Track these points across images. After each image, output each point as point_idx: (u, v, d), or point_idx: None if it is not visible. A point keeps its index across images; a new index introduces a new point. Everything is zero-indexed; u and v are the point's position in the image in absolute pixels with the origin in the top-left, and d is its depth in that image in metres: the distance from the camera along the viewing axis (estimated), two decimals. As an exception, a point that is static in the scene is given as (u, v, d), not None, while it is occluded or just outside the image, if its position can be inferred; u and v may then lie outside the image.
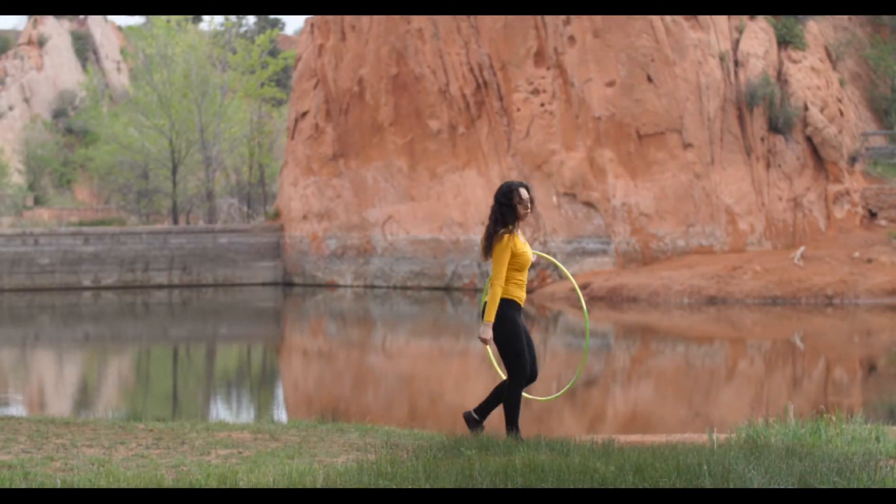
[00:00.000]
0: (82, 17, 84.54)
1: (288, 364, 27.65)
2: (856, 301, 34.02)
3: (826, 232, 38.49)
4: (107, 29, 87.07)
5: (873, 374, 23.88)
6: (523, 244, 8.89)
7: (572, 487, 6.66)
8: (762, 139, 38.74)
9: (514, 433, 8.73)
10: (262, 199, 58.22)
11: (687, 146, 37.85)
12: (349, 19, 44.43)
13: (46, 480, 7.10)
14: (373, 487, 6.69)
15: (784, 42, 40.02)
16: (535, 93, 39.72)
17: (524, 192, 8.86)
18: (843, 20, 42.67)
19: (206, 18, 65.58)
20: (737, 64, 38.86)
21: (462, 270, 41.74)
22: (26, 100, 77.90)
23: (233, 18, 64.95)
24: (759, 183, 38.59)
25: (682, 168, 37.90)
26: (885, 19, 43.00)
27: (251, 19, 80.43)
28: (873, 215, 38.92)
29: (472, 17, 40.62)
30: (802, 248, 36.79)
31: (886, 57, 42.50)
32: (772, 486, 6.72)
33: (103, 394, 22.27)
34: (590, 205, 39.02)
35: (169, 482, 7.04)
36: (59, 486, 6.89)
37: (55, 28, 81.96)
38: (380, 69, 43.32)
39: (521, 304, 8.89)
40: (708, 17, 38.31)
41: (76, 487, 6.80)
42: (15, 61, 78.87)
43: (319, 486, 6.79)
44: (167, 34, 53.68)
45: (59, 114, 78.36)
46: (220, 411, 19.81)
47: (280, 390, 23.88)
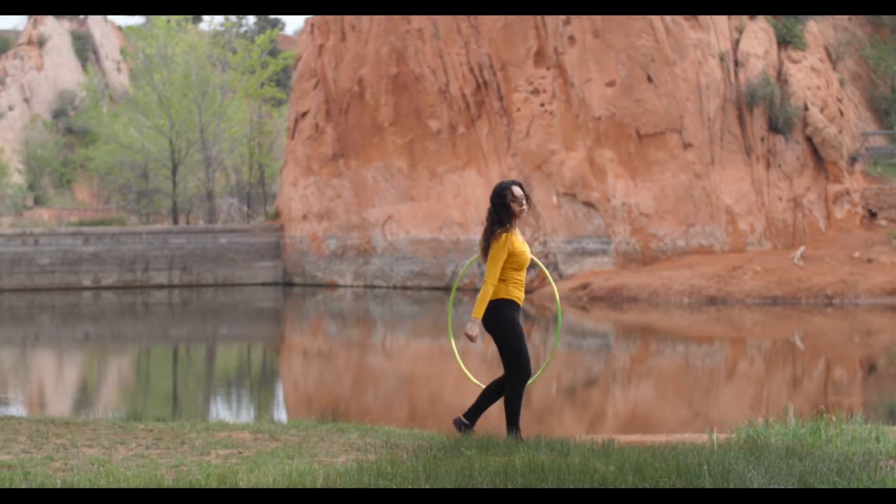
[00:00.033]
0: (82, 17, 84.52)
1: (288, 364, 27.64)
2: (856, 301, 34.02)
3: (826, 232, 38.49)
4: (107, 29, 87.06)
5: (873, 374, 23.88)
6: (522, 243, 8.89)
7: (572, 487, 6.66)
8: (762, 139, 38.74)
9: (515, 433, 8.74)
10: (262, 199, 58.22)
11: (687, 146, 37.85)
12: (349, 19, 44.43)
13: (46, 480, 7.10)
14: (373, 487, 6.69)
15: (784, 42, 40.02)
16: (535, 93, 39.72)
17: (517, 190, 8.87)
18: (843, 20, 42.66)
19: (206, 18, 65.62)
20: (737, 64, 38.86)
21: (462, 270, 41.71)
22: (26, 100, 77.90)
23: (233, 18, 64.98)
24: (759, 183, 38.59)
25: (682, 168, 37.90)
26: (885, 19, 42.99)
27: (251, 19, 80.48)
28: (873, 215, 38.92)
29: (472, 17, 40.62)
30: (802, 248, 36.79)
31: (886, 57, 42.50)
32: (772, 486, 6.72)
33: (103, 394, 22.27)
34: (590, 205, 39.02)
35: (169, 482, 7.04)
36: (59, 486, 6.89)
37: (55, 28, 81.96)
38: (380, 69, 43.31)
39: (520, 304, 8.90)
40: (708, 17, 38.31)
41: (76, 487, 6.80)
42: (15, 61, 78.87)
43: (319, 486, 6.79)
44: (167, 34, 53.69)
45: (59, 114, 78.35)
46: (220, 411, 19.80)
47: (280, 390, 23.87)
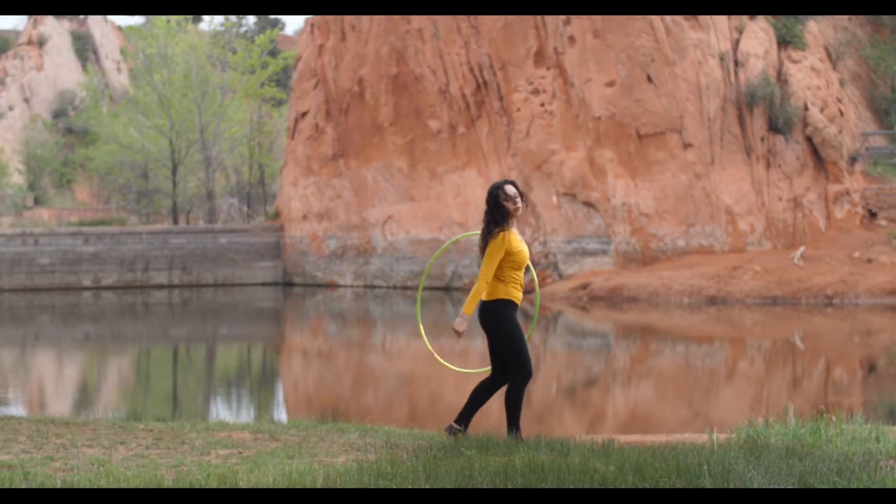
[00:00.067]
0: (82, 17, 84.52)
1: (288, 364, 27.64)
2: (856, 301, 34.02)
3: (826, 232, 38.49)
4: (107, 29, 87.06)
5: (873, 374, 23.87)
6: (520, 243, 8.89)
7: (572, 487, 6.66)
8: (762, 139, 38.74)
9: (515, 433, 8.74)
10: (262, 199, 58.23)
11: (687, 146, 37.85)
12: (349, 19, 44.43)
13: (46, 480, 7.10)
14: (373, 487, 6.69)
15: (784, 42, 40.01)
16: (535, 93, 39.71)
17: (510, 189, 8.87)
18: (843, 20, 42.66)
19: (206, 18, 65.65)
20: (737, 64, 38.86)
21: (462, 270, 41.72)
22: (26, 100, 77.89)
23: (233, 18, 64.97)
24: (759, 183, 38.58)
25: (682, 168, 37.90)
26: (885, 19, 42.99)
27: (251, 19, 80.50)
28: (873, 215, 38.92)
29: (472, 17, 40.62)
30: (802, 248, 36.79)
31: (886, 57, 42.50)
32: (772, 486, 6.72)
33: (103, 394, 22.27)
34: (590, 205, 39.01)
35: (169, 482, 7.04)
36: (59, 486, 6.89)
37: (55, 28, 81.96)
38: (380, 69, 43.31)
39: (518, 304, 8.91)
40: (708, 17, 38.31)
41: (76, 487, 6.80)
42: (15, 61, 78.87)
43: (319, 486, 6.79)
44: (167, 34, 53.69)
45: (59, 114, 78.35)
46: (220, 411, 19.80)
47: (280, 390, 23.86)
